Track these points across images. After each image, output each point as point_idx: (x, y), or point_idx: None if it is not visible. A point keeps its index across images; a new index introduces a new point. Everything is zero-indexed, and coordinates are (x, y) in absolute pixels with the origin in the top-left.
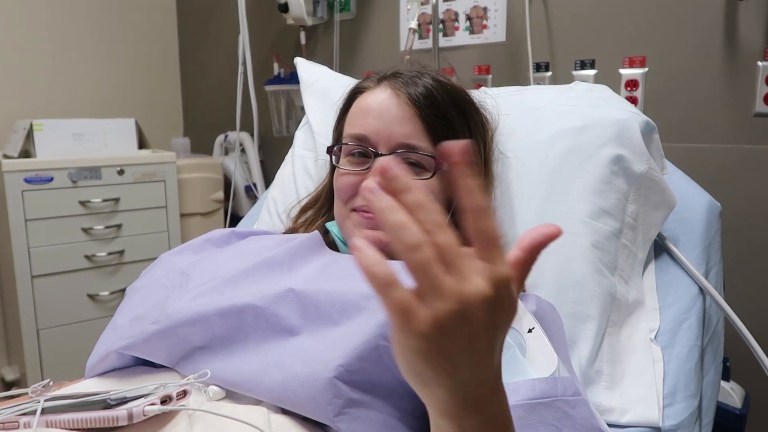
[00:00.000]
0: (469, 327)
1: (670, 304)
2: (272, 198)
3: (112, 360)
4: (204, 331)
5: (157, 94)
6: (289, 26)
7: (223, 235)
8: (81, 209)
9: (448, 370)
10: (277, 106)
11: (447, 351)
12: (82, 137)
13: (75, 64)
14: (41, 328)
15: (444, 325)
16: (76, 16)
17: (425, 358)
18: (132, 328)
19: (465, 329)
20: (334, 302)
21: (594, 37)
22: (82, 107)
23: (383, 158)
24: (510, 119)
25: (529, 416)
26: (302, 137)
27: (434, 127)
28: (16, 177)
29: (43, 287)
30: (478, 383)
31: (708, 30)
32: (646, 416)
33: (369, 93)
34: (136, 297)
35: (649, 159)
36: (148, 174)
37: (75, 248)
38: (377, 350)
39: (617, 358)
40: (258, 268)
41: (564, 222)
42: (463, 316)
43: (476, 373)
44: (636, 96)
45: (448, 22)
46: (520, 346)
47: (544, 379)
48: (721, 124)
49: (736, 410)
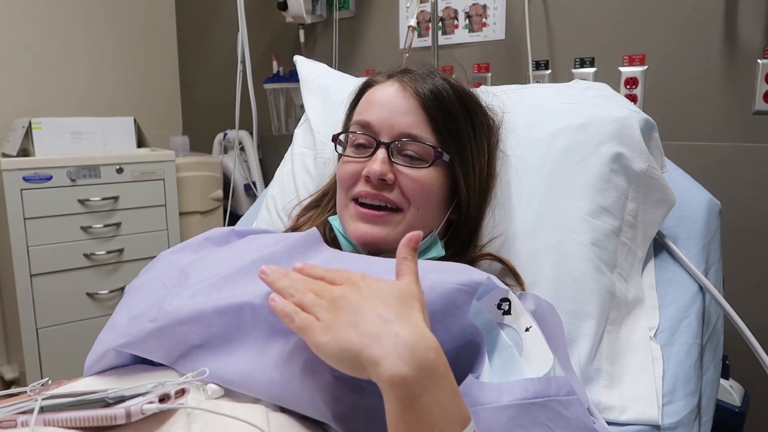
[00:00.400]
0: (349, 303)
1: (669, 302)
2: (271, 196)
3: (110, 358)
4: (202, 329)
5: (156, 93)
6: (288, 24)
7: (223, 234)
8: (80, 208)
9: (362, 343)
10: (276, 104)
11: (346, 332)
12: (81, 136)
13: (74, 62)
14: (40, 327)
15: (329, 319)
16: (75, 15)
17: (338, 339)
18: (130, 326)
19: (349, 304)
20: None
21: (593, 35)
22: (80, 106)
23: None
24: (510, 117)
25: (521, 416)
26: (301, 135)
27: (437, 119)
28: (14, 175)
29: (42, 286)
30: (394, 338)
31: (707, 28)
32: (645, 414)
33: (378, 86)
34: (134, 296)
35: (649, 157)
36: (147, 172)
37: (74, 247)
38: None
39: (617, 356)
40: (256, 266)
41: (563, 220)
42: (336, 303)
43: (378, 327)
44: (635, 94)
45: (448, 20)
46: (518, 345)
47: (538, 379)
48: (720, 122)
49: (735, 408)
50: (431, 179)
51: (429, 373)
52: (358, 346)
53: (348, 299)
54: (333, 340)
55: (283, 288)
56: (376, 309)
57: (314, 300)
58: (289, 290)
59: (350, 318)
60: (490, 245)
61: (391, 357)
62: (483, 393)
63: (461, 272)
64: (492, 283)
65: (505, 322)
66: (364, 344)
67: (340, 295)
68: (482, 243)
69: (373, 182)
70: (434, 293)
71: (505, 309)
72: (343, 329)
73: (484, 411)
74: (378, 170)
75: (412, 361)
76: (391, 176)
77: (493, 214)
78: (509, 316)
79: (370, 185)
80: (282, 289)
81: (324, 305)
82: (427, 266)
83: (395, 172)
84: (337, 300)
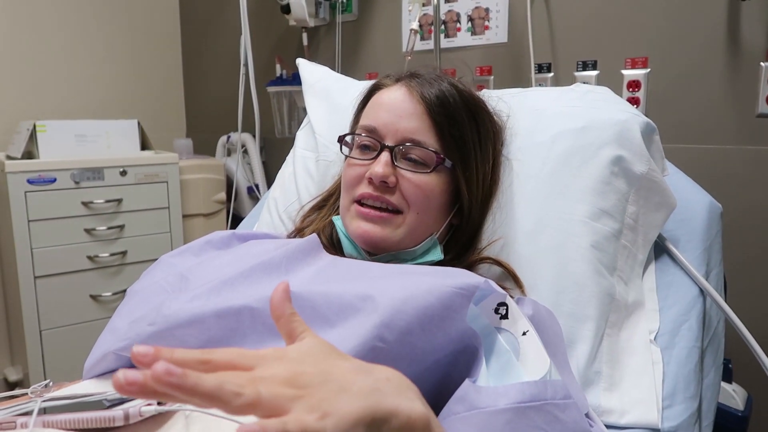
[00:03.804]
0: (309, 375)
1: (669, 306)
2: (273, 198)
3: (109, 361)
4: (201, 332)
5: (160, 96)
6: (291, 27)
7: (224, 238)
8: (84, 210)
9: (369, 402)
10: (279, 107)
11: (344, 403)
12: (85, 138)
13: (78, 65)
14: (44, 329)
15: (309, 402)
16: (79, 18)
17: (341, 415)
18: (130, 329)
19: (310, 376)
20: (330, 304)
21: (596, 38)
22: (84, 108)
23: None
24: (511, 121)
25: (518, 420)
26: (303, 138)
27: (441, 125)
28: (19, 178)
29: (46, 288)
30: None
31: (710, 31)
32: (645, 418)
33: (386, 90)
34: (134, 299)
35: (650, 160)
36: (151, 175)
37: (78, 249)
38: (374, 351)
39: (616, 359)
40: (255, 271)
41: (563, 222)
42: (295, 381)
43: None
44: (638, 97)
45: (450, 23)
46: (515, 350)
47: (534, 382)
48: (723, 125)
49: (738, 412)
50: (432, 184)
51: (426, 404)
52: (368, 408)
53: (301, 372)
54: (338, 420)
55: (218, 387)
56: (338, 365)
57: (270, 390)
58: (228, 387)
59: (330, 387)
60: (489, 248)
61: (402, 401)
62: (480, 397)
63: (458, 276)
64: (489, 287)
65: (503, 327)
66: (373, 403)
67: (286, 374)
68: (482, 246)
69: (375, 184)
70: (432, 297)
71: (502, 313)
72: (337, 402)
73: (481, 415)
74: (380, 173)
75: (418, 398)
76: (393, 179)
77: (494, 218)
78: (506, 321)
79: (372, 187)
80: (217, 389)
81: (285, 393)
82: (424, 270)
83: (397, 176)
84: (292, 379)
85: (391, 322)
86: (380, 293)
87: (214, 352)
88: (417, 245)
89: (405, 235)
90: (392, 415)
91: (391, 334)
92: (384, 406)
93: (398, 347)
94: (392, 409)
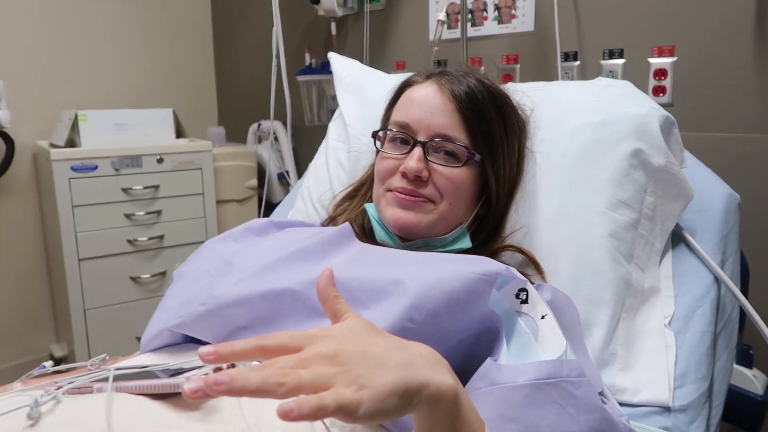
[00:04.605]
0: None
1: (684, 292)
2: (306, 187)
3: (164, 337)
4: (247, 312)
5: (194, 86)
6: (320, 17)
7: (262, 225)
8: (123, 196)
9: (403, 376)
10: (308, 95)
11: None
12: (124, 127)
13: (116, 57)
14: (88, 308)
15: (347, 376)
16: (117, 12)
17: (377, 386)
18: (181, 309)
19: (349, 353)
20: (363, 287)
21: (623, 26)
22: (122, 98)
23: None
24: (534, 114)
25: (536, 394)
26: (335, 129)
27: (471, 121)
28: (63, 165)
29: (90, 270)
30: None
31: (738, 18)
32: (657, 396)
33: (417, 86)
34: (182, 281)
35: (668, 153)
36: (186, 162)
37: (118, 233)
38: (404, 331)
39: (631, 342)
40: (294, 257)
41: (583, 212)
42: (335, 359)
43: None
44: (665, 85)
45: (477, 12)
46: (534, 332)
47: (551, 361)
48: (750, 114)
49: (757, 397)
50: (463, 177)
51: (456, 377)
52: (401, 381)
53: (342, 350)
54: (374, 392)
55: (262, 382)
56: (376, 343)
57: (311, 372)
58: (272, 380)
59: (368, 363)
60: (512, 236)
61: (433, 374)
62: (500, 374)
63: (482, 263)
64: (511, 273)
65: (523, 311)
66: (405, 376)
67: (328, 352)
68: (505, 234)
69: (409, 178)
70: (457, 282)
71: (522, 298)
72: (374, 376)
73: (501, 390)
74: (414, 167)
75: (448, 371)
76: (426, 173)
77: (517, 208)
78: (526, 305)
79: (405, 181)
80: (262, 384)
81: (326, 372)
82: (450, 258)
83: (430, 170)
84: (334, 357)
85: (419, 305)
86: (410, 278)
87: (267, 338)
88: (447, 233)
89: (437, 221)
90: (423, 387)
91: (420, 316)
92: (416, 378)
93: (426, 328)
94: (423, 380)
